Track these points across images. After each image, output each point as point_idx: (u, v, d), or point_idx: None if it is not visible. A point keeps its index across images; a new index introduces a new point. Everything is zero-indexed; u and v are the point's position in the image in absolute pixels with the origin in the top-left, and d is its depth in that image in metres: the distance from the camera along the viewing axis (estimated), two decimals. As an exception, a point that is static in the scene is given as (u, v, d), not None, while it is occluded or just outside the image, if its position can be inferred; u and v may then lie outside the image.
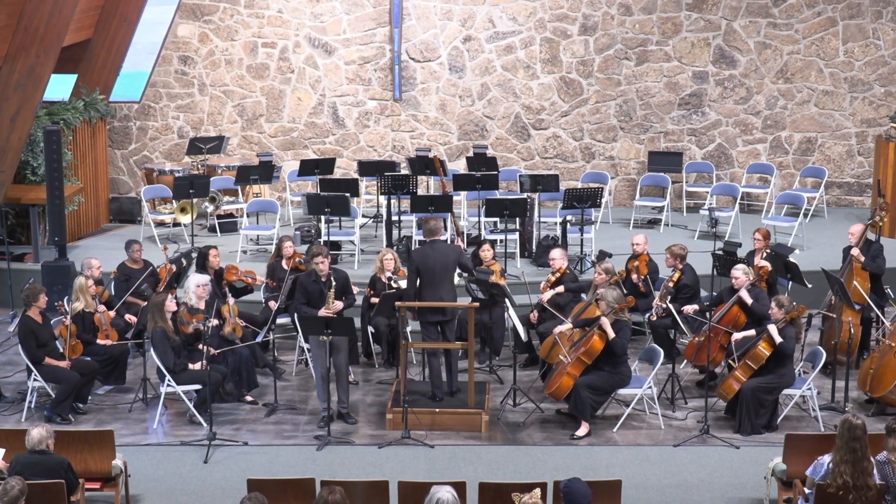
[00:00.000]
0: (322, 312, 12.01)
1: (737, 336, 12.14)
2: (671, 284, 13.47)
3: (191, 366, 12.16)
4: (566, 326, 12.30)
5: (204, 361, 11.95)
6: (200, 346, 12.09)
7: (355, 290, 12.96)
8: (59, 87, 17.42)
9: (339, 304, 12.15)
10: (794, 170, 19.18)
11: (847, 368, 12.52)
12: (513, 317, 12.67)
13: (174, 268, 14.01)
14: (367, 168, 17.52)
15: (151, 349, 12.24)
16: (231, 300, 13.23)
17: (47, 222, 15.71)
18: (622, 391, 12.12)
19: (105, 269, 13.89)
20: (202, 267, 13.80)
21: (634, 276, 13.84)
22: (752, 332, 12.16)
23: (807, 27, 18.84)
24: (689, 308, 13.12)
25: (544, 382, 12.65)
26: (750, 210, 18.77)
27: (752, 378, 11.76)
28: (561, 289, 13.43)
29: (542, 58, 19.01)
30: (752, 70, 18.97)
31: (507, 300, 13.00)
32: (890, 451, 9.15)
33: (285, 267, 13.93)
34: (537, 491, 8.24)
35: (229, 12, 18.88)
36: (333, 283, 12.10)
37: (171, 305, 12.23)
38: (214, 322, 12.47)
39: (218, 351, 12.34)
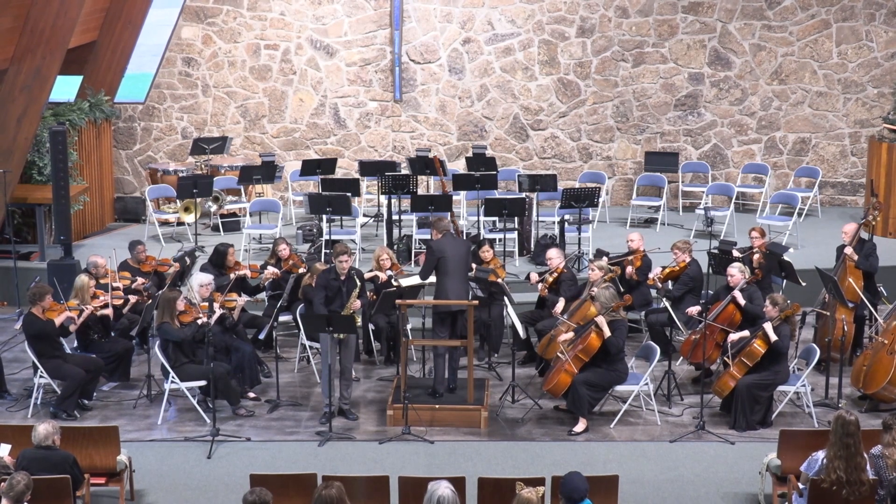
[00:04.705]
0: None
1: (733, 337, 12.24)
2: (663, 274, 13.68)
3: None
4: (570, 335, 12.40)
5: (207, 357, 12.09)
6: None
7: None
8: (65, 88, 17.49)
9: (358, 304, 12.28)
10: (789, 170, 19.31)
11: (840, 365, 12.60)
12: (511, 314, 12.76)
13: (178, 266, 14.15)
14: (367, 168, 17.63)
15: (155, 344, 12.38)
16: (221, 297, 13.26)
17: (53, 221, 15.80)
18: (619, 388, 12.20)
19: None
20: (218, 265, 13.94)
21: (629, 269, 13.97)
22: (746, 332, 12.26)
23: (801, 29, 18.97)
24: (693, 309, 13.22)
25: (542, 379, 12.81)
26: (745, 209, 18.85)
27: (747, 375, 11.86)
28: (562, 301, 13.49)
29: (541, 59, 19.14)
30: (746, 71, 19.11)
31: (505, 298, 13.14)
32: (885, 445, 9.26)
33: (283, 268, 14.05)
34: (541, 489, 8.28)
35: (232, 15, 19.00)
36: (358, 283, 12.21)
37: (181, 304, 12.37)
38: (217, 313, 12.59)
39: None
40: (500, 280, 13.35)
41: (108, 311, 12.89)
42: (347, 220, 17.37)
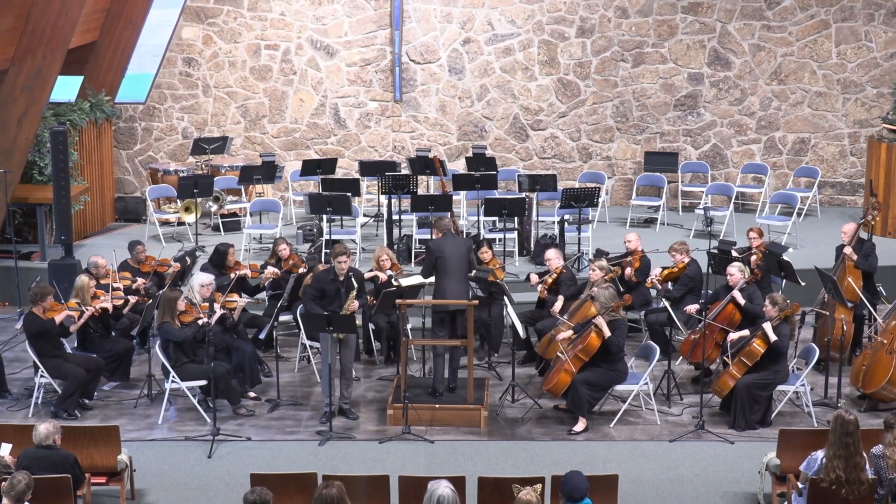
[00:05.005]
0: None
1: (733, 336, 12.28)
2: (662, 276, 13.72)
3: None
4: (569, 333, 12.43)
5: (207, 358, 12.12)
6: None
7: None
8: (66, 88, 17.54)
9: (356, 305, 12.30)
10: (788, 170, 19.35)
11: (840, 365, 12.63)
12: (511, 314, 12.78)
13: (179, 265, 14.19)
14: (368, 168, 17.67)
15: (156, 344, 12.41)
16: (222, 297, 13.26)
17: (54, 221, 15.82)
18: (619, 387, 12.24)
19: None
20: (218, 265, 13.96)
21: (628, 270, 14.00)
22: (745, 332, 12.30)
23: (800, 29, 19.01)
24: (692, 307, 13.26)
25: (542, 379, 12.84)
26: (744, 209, 18.89)
27: (746, 374, 11.89)
28: (560, 300, 13.52)
29: (540, 59, 19.18)
30: (746, 72, 19.15)
31: (505, 298, 13.17)
32: (886, 445, 9.29)
33: (283, 268, 14.09)
34: (538, 486, 8.32)
35: (233, 15, 19.03)
36: (355, 285, 12.24)
37: (181, 304, 12.41)
38: (218, 313, 12.62)
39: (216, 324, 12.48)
40: (498, 280, 13.37)
41: (108, 305, 12.90)
42: (347, 220, 17.41)
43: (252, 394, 12.82)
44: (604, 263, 13.25)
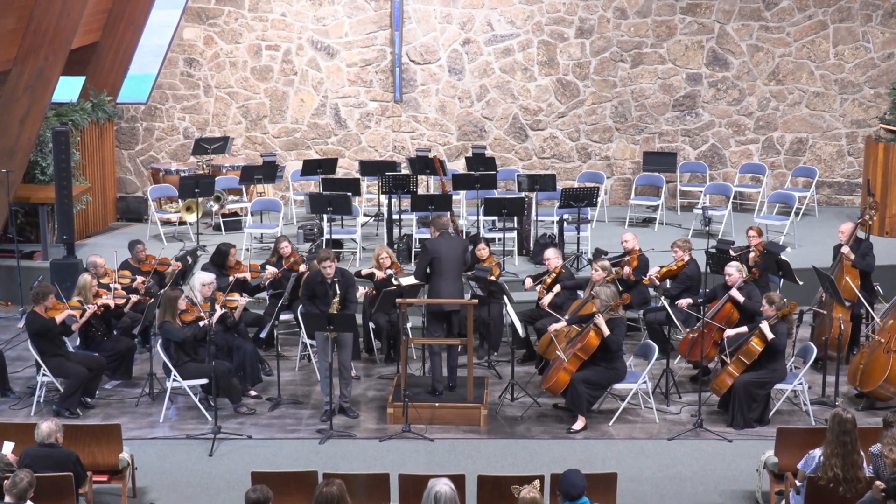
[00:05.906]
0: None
1: (729, 332, 12.30)
2: (660, 274, 13.77)
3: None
4: (561, 324, 12.51)
5: (208, 356, 12.16)
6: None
7: (361, 290, 13.20)
8: (68, 88, 17.56)
9: None
10: (786, 169, 19.39)
11: (837, 364, 12.69)
12: (511, 313, 12.81)
13: (180, 265, 14.25)
14: (368, 168, 17.71)
15: (157, 342, 12.46)
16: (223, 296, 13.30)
17: (56, 221, 15.85)
18: (618, 386, 12.28)
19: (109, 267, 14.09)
20: (220, 265, 14.01)
21: (626, 270, 14.04)
22: (744, 328, 12.36)
23: (798, 30, 19.05)
24: (683, 302, 13.31)
25: (542, 377, 12.89)
26: (742, 209, 18.92)
27: (744, 373, 11.91)
28: (557, 288, 13.60)
29: (540, 60, 19.22)
30: (744, 72, 19.19)
31: (505, 297, 13.21)
32: (885, 443, 9.32)
33: (284, 266, 14.15)
34: (536, 483, 8.36)
35: (234, 16, 19.07)
36: (338, 293, 12.26)
37: (182, 303, 12.45)
38: (219, 313, 12.67)
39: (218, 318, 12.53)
40: (494, 278, 13.42)
41: (110, 302, 12.95)
42: (348, 220, 17.44)
43: (253, 392, 12.86)
44: (606, 264, 13.30)
